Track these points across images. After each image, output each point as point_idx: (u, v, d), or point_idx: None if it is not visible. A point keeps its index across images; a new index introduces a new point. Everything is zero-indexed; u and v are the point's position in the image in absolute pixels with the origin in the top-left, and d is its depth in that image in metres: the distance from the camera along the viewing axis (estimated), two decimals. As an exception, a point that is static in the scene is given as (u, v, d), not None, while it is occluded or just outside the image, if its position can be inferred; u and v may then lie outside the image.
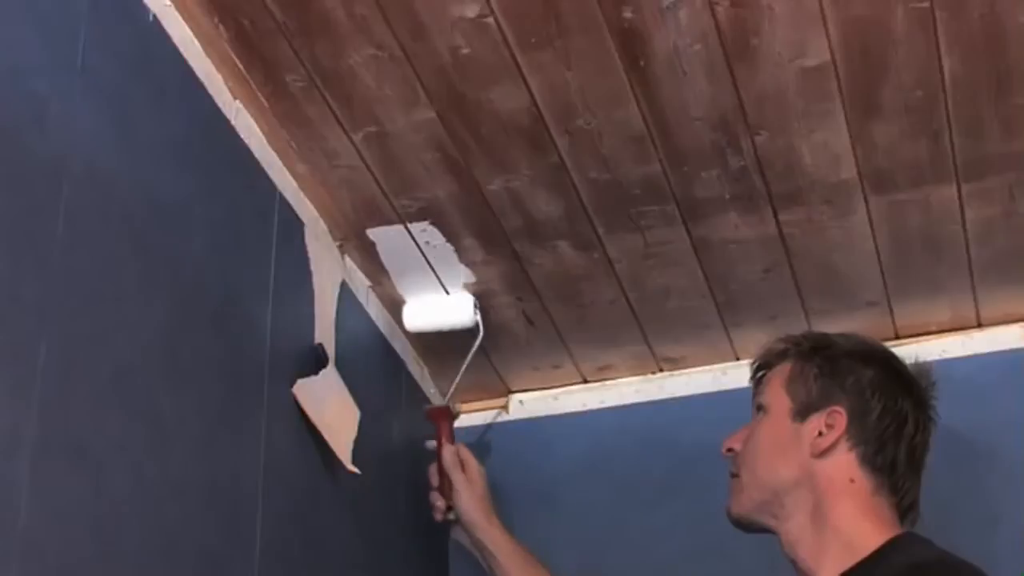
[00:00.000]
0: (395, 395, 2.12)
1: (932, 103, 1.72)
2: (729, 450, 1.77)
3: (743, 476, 1.73)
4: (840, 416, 1.69)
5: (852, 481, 1.67)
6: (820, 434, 1.69)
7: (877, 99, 1.72)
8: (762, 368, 1.81)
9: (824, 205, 1.90)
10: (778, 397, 1.74)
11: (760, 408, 1.77)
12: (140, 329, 1.38)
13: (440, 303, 2.08)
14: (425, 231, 1.94)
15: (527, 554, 2.02)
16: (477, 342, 2.09)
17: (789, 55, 1.65)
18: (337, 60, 1.64)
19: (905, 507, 1.69)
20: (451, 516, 2.06)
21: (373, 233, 1.94)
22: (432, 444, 2.10)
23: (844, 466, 1.68)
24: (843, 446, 1.68)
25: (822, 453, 1.68)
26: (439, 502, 2.06)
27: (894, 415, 1.70)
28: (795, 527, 1.67)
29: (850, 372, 1.73)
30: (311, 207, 1.86)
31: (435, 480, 2.07)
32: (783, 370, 1.77)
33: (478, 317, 2.08)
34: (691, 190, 1.87)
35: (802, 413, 1.72)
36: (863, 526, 1.64)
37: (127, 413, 1.33)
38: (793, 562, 1.68)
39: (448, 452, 2.07)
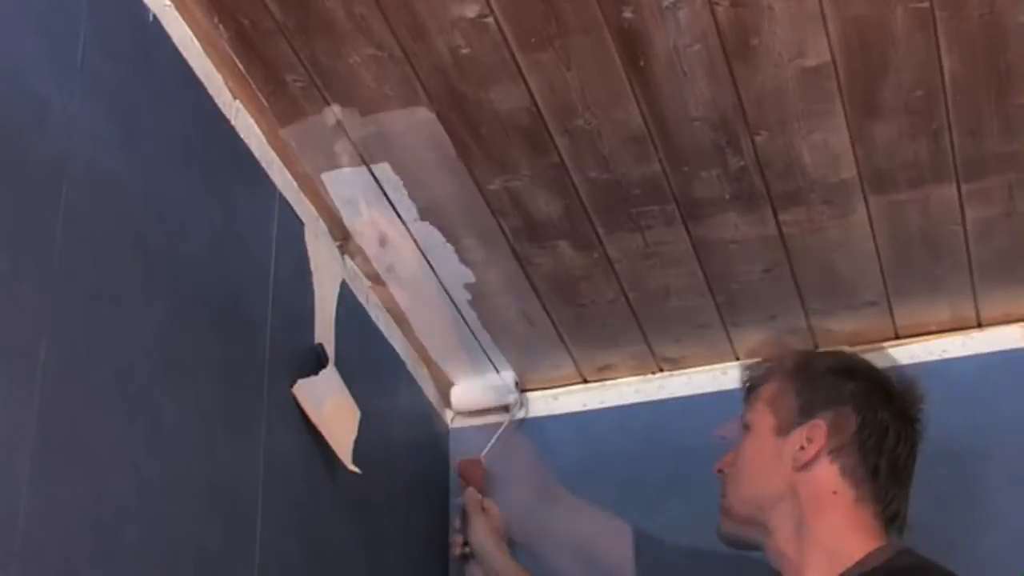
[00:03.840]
0: (395, 395, 2.12)
1: (932, 103, 1.72)
2: (719, 471, 1.79)
3: (728, 494, 1.76)
4: (820, 429, 1.70)
5: (835, 493, 1.68)
6: (802, 448, 1.70)
7: (877, 99, 1.72)
8: (750, 388, 1.83)
9: (824, 205, 1.90)
10: (762, 415, 1.77)
11: (746, 427, 1.79)
12: (140, 329, 1.38)
13: (486, 383, 2.24)
14: (425, 231, 1.94)
15: None
16: (511, 416, 2.24)
17: (789, 55, 1.65)
18: (337, 60, 1.64)
19: (889, 516, 1.70)
20: (467, 550, 2.11)
21: (373, 233, 1.94)
22: (461, 501, 2.16)
23: (826, 478, 1.69)
24: (825, 458, 1.69)
25: (804, 466, 1.69)
26: (457, 537, 2.13)
27: (874, 427, 1.71)
28: (780, 540, 1.69)
29: (830, 387, 1.74)
30: (311, 207, 1.86)
31: (457, 523, 2.14)
32: (768, 389, 1.79)
33: (518, 393, 2.24)
34: (691, 190, 1.87)
35: (784, 429, 1.73)
36: (846, 537, 1.65)
37: (127, 413, 1.33)
38: (778, 573, 1.70)
39: (471, 493, 2.14)
